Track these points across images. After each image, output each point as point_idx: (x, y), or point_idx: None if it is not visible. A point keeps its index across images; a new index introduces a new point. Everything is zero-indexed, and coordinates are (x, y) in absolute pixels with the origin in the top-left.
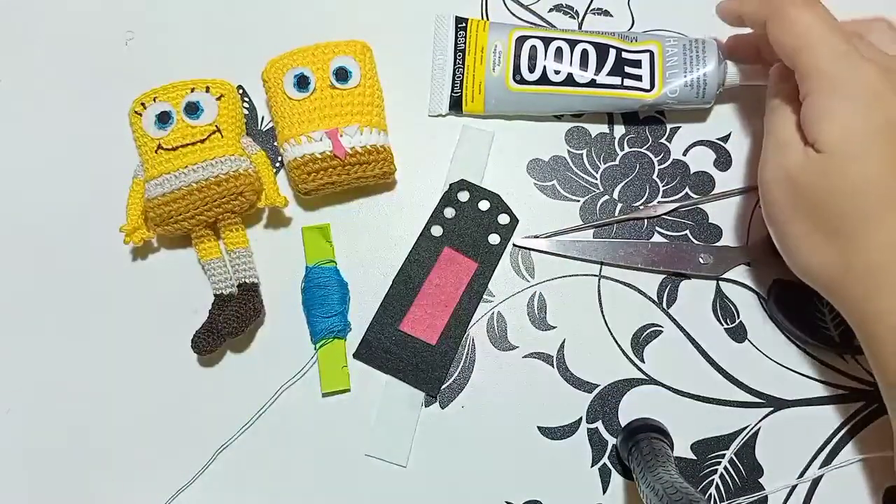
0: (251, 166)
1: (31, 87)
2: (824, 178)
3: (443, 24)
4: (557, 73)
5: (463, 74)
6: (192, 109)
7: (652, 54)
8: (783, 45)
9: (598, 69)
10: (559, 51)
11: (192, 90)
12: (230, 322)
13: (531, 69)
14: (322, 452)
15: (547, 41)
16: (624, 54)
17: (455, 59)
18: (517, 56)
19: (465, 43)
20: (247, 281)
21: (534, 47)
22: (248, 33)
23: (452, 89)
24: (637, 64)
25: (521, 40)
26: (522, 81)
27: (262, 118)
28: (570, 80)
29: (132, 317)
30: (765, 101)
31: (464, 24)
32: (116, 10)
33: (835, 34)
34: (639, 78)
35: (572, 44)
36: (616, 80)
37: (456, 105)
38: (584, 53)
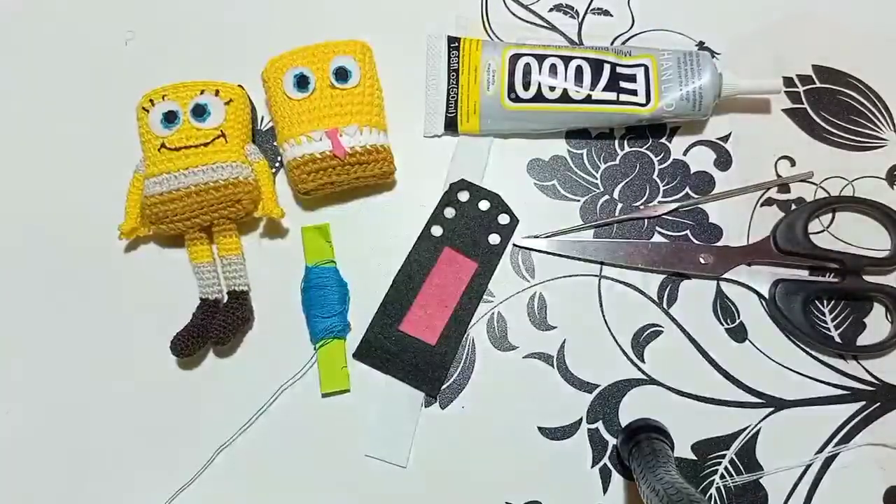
0: (252, 175)
1: (32, 87)
2: None
3: (435, 45)
4: (552, 89)
5: (457, 94)
6: (200, 112)
7: (646, 68)
8: None
9: (594, 85)
10: (553, 67)
11: (202, 92)
12: (218, 330)
13: (526, 87)
14: (322, 452)
15: (541, 58)
16: (618, 69)
17: (449, 78)
18: (511, 74)
19: (458, 62)
20: (237, 289)
21: (528, 65)
22: (248, 33)
23: (447, 109)
24: (632, 79)
25: (514, 58)
26: (517, 99)
27: (262, 118)
28: (565, 97)
29: (133, 316)
30: (764, 102)
31: (456, 44)
32: (116, 10)
33: None
34: (634, 93)
35: (566, 60)
36: (612, 96)
37: (451, 125)
38: (579, 69)
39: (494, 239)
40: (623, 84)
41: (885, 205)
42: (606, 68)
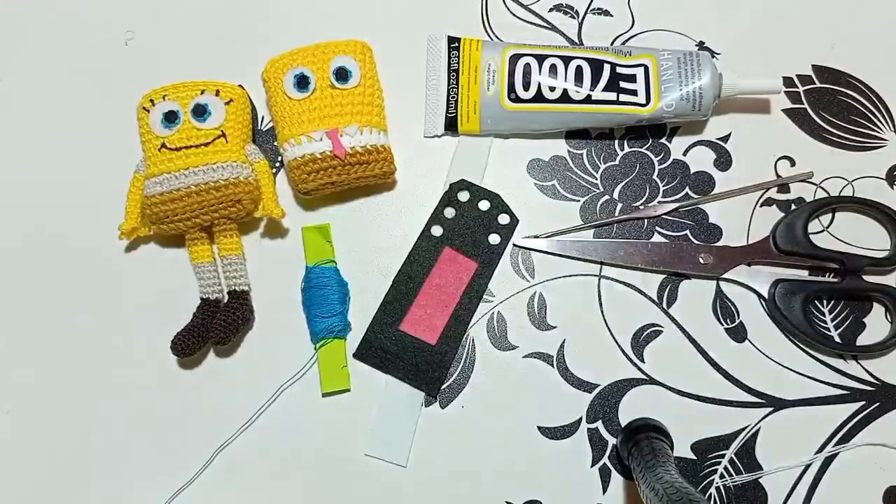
0: (252, 175)
1: (32, 87)
2: None
3: (435, 45)
4: (552, 90)
5: (457, 94)
6: (200, 112)
7: (646, 69)
8: None
9: (594, 85)
10: (553, 68)
11: (202, 92)
12: (218, 330)
13: (526, 87)
14: (322, 452)
15: (541, 58)
16: (618, 69)
17: (449, 78)
18: (511, 74)
19: (458, 62)
20: (237, 289)
21: (528, 65)
22: (248, 33)
23: (447, 110)
24: (632, 79)
25: (514, 58)
26: (517, 100)
27: (262, 118)
28: (565, 97)
29: (133, 316)
30: (764, 102)
31: (456, 44)
32: (116, 10)
33: None
34: (634, 93)
35: (566, 60)
36: (612, 96)
37: (451, 125)
38: (579, 70)
39: (494, 239)
40: (623, 84)
41: (885, 205)
42: (606, 68)
